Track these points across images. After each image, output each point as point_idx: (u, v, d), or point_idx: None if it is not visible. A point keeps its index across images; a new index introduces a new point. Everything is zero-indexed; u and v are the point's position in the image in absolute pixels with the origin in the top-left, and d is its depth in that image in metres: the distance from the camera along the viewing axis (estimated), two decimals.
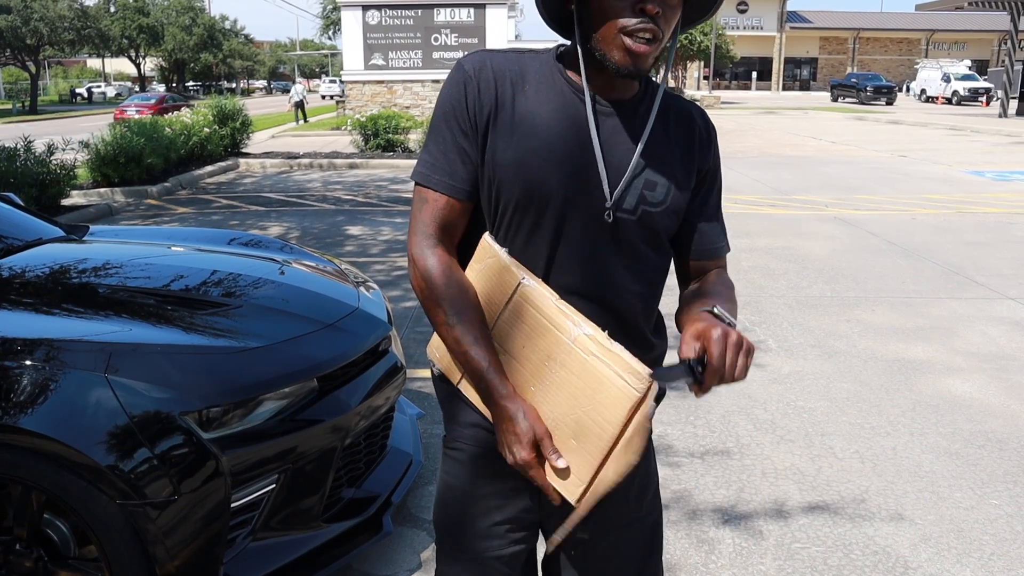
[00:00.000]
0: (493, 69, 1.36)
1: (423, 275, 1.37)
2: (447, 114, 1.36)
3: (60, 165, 10.00)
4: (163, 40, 56.83)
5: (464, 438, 1.45)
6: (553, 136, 1.33)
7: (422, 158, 1.40)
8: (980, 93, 39.77)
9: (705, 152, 1.45)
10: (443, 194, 1.37)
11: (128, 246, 3.73)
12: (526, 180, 1.32)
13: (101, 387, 2.25)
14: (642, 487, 1.51)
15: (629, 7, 1.25)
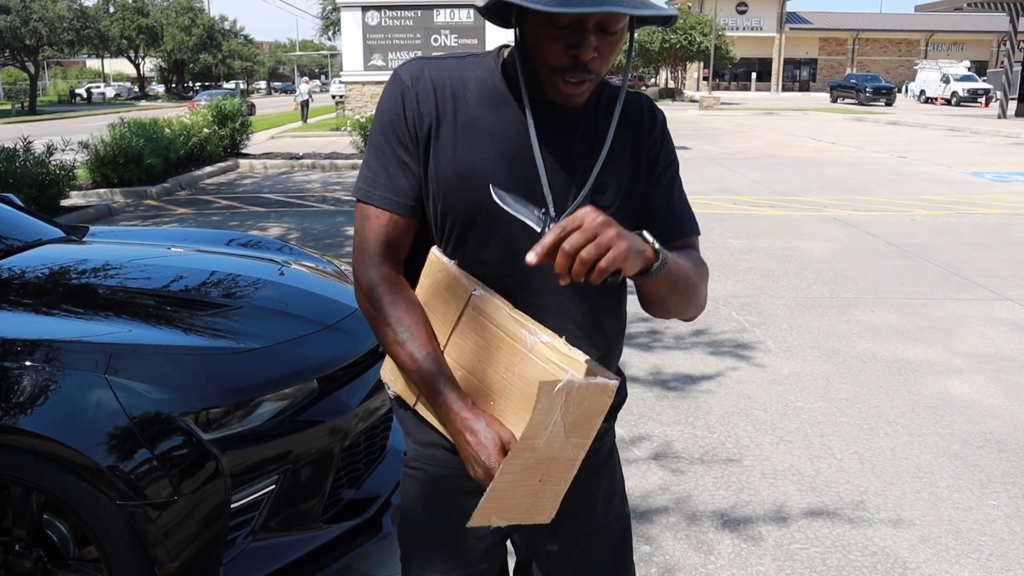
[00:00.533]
0: (432, 78, 1.30)
1: (368, 295, 1.33)
2: (385, 127, 1.31)
3: (59, 166, 10.01)
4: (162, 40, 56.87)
5: (423, 458, 1.40)
6: (498, 147, 1.28)
7: (362, 173, 1.34)
8: (979, 94, 39.79)
9: (656, 144, 1.39)
10: (386, 210, 1.31)
11: (128, 247, 3.74)
12: (471, 193, 1.27)
13: (101, 388, 2.25)
14: (609, 493, 1.48)
15: (562, 51, 1.19)
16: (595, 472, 1.43)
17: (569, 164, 1.30)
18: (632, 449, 3.77)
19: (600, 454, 1.44)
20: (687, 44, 48.78)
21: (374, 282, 1.32)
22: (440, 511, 1.40)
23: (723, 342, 5.25)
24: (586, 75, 1.21)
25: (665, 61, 54.00)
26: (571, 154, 1.30)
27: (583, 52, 1.18)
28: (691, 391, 4.47)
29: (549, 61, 1.20)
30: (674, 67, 55.05)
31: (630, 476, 3.51)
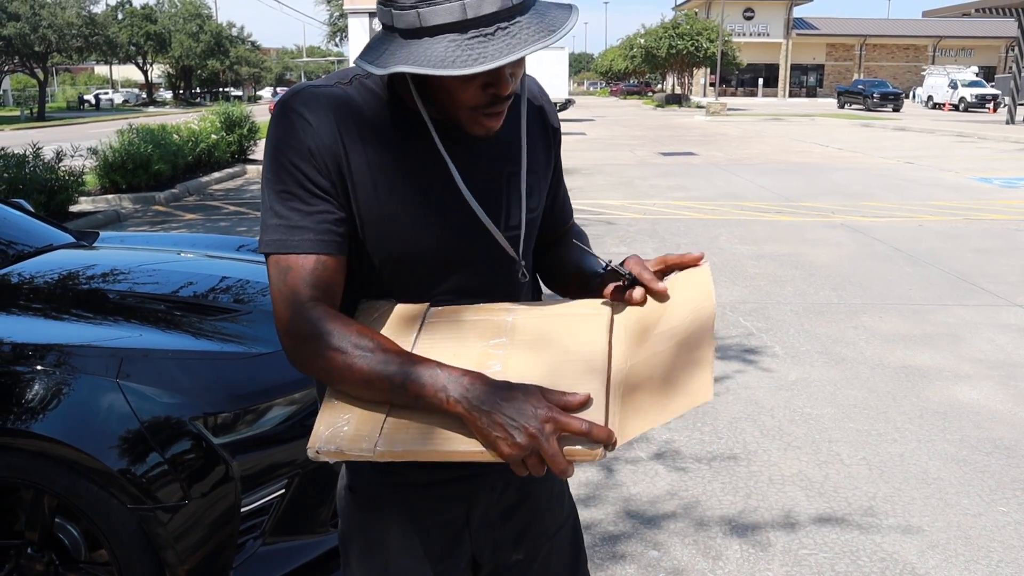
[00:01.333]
0: (327, 107, 1.16)
1: (307, 333, 1.11)
2: (288, 164, 1.14)
3: (68, 172, 10.06)
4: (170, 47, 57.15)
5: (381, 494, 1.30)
6: (417, 180, 1.19)
7: (266, 225, 1.15)
8: (987, 100, 39.69)
9: (557, 129, 1.39)
10: (310, 254, 1.14)
11: (138, 252, 3.76)
12: (402, 234, 1.19)
13: (113, 392, 2.27)
14: (560, 491, 1.46)
15: (479, 91, 1.11)
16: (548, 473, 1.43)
17: (492, 178, 1.25)
18: (639, 454, 3.77)
19: None
20: (693, 50, 48.88)
21: (312, 317, 1.12)
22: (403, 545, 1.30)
23: (730, 347, 5.25)
24: (505, 104, 1.15)
25: (671, 67, 54.08)
26: (490, 168, 1.26)
27: (502, 88, 1.11)
28: None
29: (465, 103, 1.12)
30: (680, 73, 55.12)
31: (637, 481, 3.51)
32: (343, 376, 1.11)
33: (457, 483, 1.30)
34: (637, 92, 73.79)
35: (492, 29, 1.03)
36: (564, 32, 1.05)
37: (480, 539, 1.33)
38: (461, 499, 1.31)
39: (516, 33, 1.03)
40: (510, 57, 1.02)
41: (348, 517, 1.34)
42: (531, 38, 1.03)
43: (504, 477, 1.34)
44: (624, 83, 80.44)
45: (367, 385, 1.09)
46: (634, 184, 13.27)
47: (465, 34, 1.03)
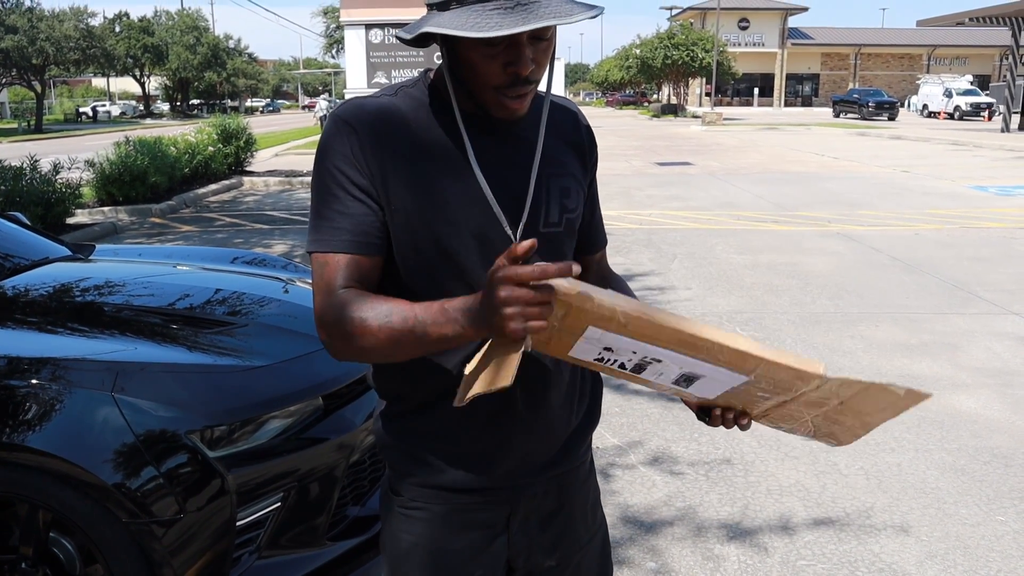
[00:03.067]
0: (374, 117, 1.25)
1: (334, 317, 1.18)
2: (335, 170, 1.23)
3: (65, 184, 10.06)
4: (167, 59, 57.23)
5: (425, 497, 1.35)
6: (448, 179, 1.25)
7: (313, 226, 1.25)
8: (982, 108, 39.86)
9: (593, 148, 1.44)
10: (347, 253, 1.22)
11: (133, 265, 3.76)
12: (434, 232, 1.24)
13: (108, 406, 2.26)
14: (594, 502, 1.51)
15: (500, 69, 1.18)
16: (584, 482, 1.48)
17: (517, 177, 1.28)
18: (637, 463, 3.76)
19: (585, 464, 1.49)
20: (689, 60, 49.02)
21: (336, 301, 1.19)
22: (451, 546, 1.35)
23: None
24: (527, 87, 1.21)
25: (667, 77, 54.24)
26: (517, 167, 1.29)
27: (522, 67, 1.17)
28: None
29: (488, 81, 1.19)
30: (676, 83, 55.28)
31: (635, 490, 3.51)
32: (373, 346, 1.16)
33: (499, 490, 1.35)
34: (633, 102, 73.98)
35: (512, 4, 1.10)
36: (583, 16, 1.10)
37: (517, 544, 1.38)
38: (502, 505, 1.36)
39: (534, 10, 1.10)
40: (522, 28, 1.07)
41: (389, 518, 1.39)
42: (546, 15, 1.09)
43: (544, 485, 1.39)
44: (620, 93, 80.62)
45: (396, 345, 1.15)
46: (630, 194, 13.29)
47: (489, 4, 1.11)
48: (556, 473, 1.39)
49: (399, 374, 1.33)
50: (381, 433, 1.39)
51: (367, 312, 1.16)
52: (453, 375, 1.29)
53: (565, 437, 1.39)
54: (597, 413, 1.48)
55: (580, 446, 1.43)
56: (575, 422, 1.41)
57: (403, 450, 1.35)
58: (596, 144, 1.46)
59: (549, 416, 1.35)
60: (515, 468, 1.34)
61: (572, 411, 1.40)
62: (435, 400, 1.32)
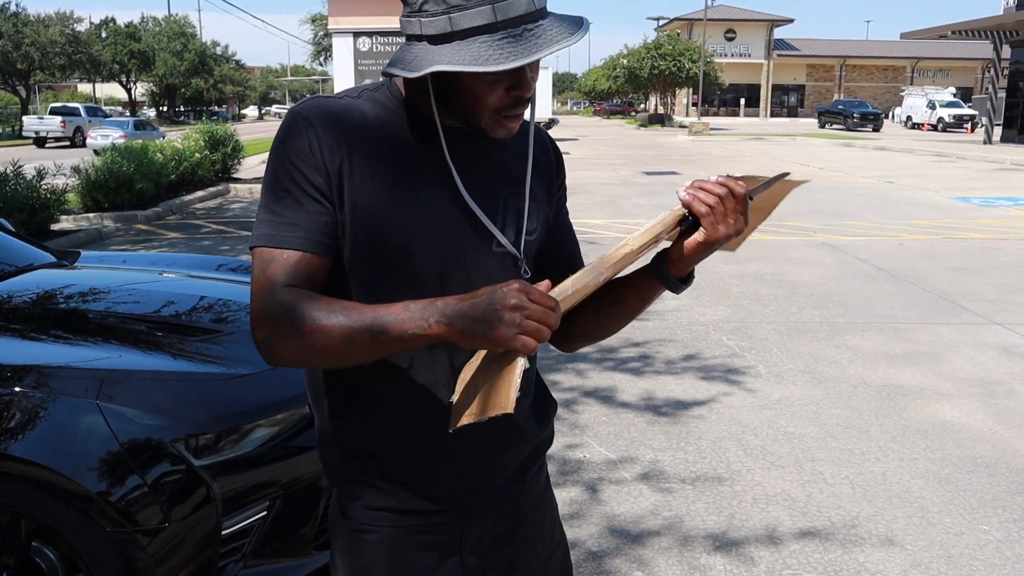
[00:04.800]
0: (333, 115, 1.21)
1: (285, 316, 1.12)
2: (290, 166, 1.18)
3: (50, 190, 9.99)
4: (154, 65, 57.03)
5: (374, 520, 1.31)
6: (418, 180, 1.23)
7: (260, 220, 1.19)
8: (965, 120, 40.25)
9: (560, 171, 1.43)
10: (296, 250, 1.16)
11: (119, 272, 3.73)
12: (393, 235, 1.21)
13: (92, 414, 2.25)
14: (552, 520, 1.49)
15: (503, 93, 1.17)
16: (539, 501, 1.45)
17: (494, 196, 1.28)
18: (623, 474, 3.77)
19: (540, 483, 1.46)
20: (676, 71, 49.29)
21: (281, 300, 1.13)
22: (398, 570, 1.32)
23: (714, 367, 5.26)
24: (525, 107, 1.22)
25: (654, 87, 54.51)
26: (494, 185, 1.28)
27: (525, 90, 1.18)
28: (682, 416, 4.47)
29: (489, 105, 1.18)
30: (663, 93, 55.54)
31: (622, 500, 3.51)
32: (323, 344, 1.11)
33: (448, 512, 1.32)
34: (620, 112, 74.26)
35: (519, 31, 1.10)
36: (582, 35, 1.12)
37: (471, 565, 1.35)
38: (454, 526, 1.33)
39: (541, 34, 1.10)
40: (540, 54, 1.08)
41: (341, 541, 1.35)
42: (555, 38, 1.10)
43: (497, 505, 1.36)
44: (607, 103, 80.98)
45: (348, 344, 1.10)
46: (618, 203, 13.33)
47: (496, 35, 1.09)
48: (509, 494, 1.36)
49: (341, 395, 1.30)
50: (324, 457, 1.36)
51: (318, 309, 1.12)
52: (395, 398, 1.26)
53: (518, 460, 1.37)
54: (552, 434, 1.46)
55: (533, 466, 1.41)
56: (527, 447, 1.38)
57: (348, 473, 1.32)
58: (564, 169, 1.45)
59: (500, 440, 1.32)
60: (465, 490, 1.32)
61: (528, 433, 1.37)
62: (378, 423, 1.29)
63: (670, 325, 6.19)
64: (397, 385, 1.27)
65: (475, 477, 1.32)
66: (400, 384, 1.26)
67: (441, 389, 1.25)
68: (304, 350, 1.13)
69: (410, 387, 1.26)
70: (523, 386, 1.07)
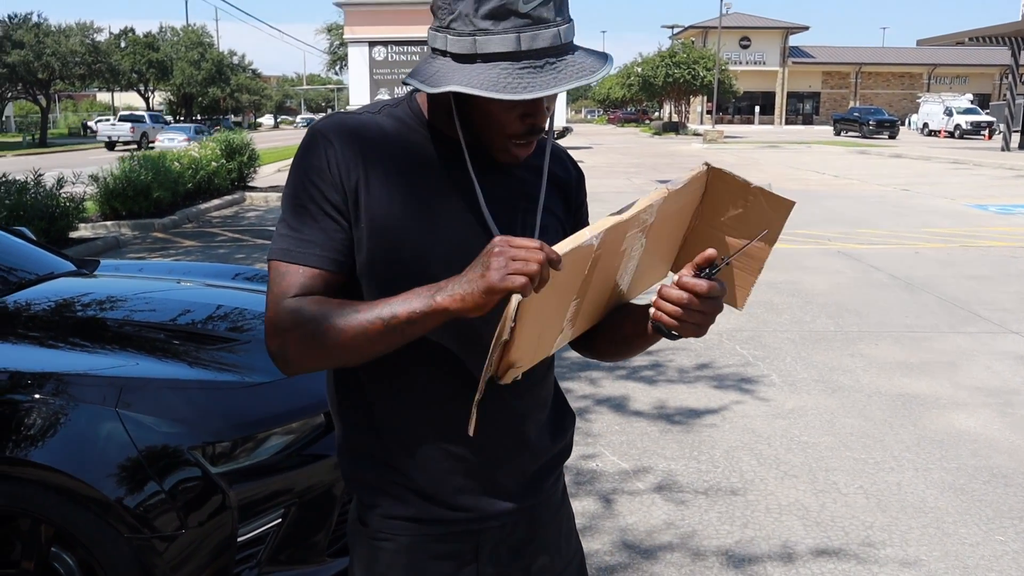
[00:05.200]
0: (353, 132, 1.23)
1: (296, 323, 1.16)
2: (307, 182, 1.21)
3: (69, 198, 10.10)
4: (172, 74, 57.49)
5: (391, 528, 1.33)
6: (437, 197, 1.25)
7: (279, 234, 1.22)
8: (982, 127, 39.99)
9: (580, 188, 1.44)
10: (311, 267, 1.19)
11: (137, 280, 3.78)
12: (417, 245, 1.23)
13: (111, 421, 2.28)
14: (568, 531, 1.50)
15: (517, 120, 1.19)
16: (556, 511, 1.46)
17: (512, 209, 1.30)
18: (636, 483, 3.77)
19: (557, 494, 1.47)
20: (690, 78, 49.25)
21: (293, 306, 1.17)
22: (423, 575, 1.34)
23: (727, 376, 5.26)
24: (539, 135, 1.23)
25: (669, 95, 54.48)
26: (511, 202, 1.30)
27: (540, 119, 1.20)
28: (695, 425, 4.47)
29: (503, 130, 1.20)
30: (678, 101, 55.50)
31: (635, 511, 3.51)
32: (337, 342, 1.14)
33: (465, 522, 1.33)
34: (634, 120, 74.26)
35: (542, 63, 1.12)
36: (602, 74, 1.14)
37: (488, 575, 1.36)
38: (470, 536, 1.34)
39: (562, 69, 1.12)
40: (556, 89, 1.10)
41: (359, 549, 1.38)
42: (574, 75, 1.12)
43: (513, 515, 1.37)
44: (621, 111, 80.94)
45: (362, 336, 1.13)
46: None
47: (518, 63, 1.11)
48: (525, 505, 1.37)
49: (359, 405, 1.32)
50: (343, 465, 1.38)
51: (327, 309, 1.15)
52: (412, 409, 1.29)
53: (534, 470, 1.38)
54: (569, 446, 1.47)
55: (549, 478, 1.42)
56: (545, 457, 1.40)
57: (366, 481, 1.34)
58: (584, 186, 1.46)
59: (517, 451, 1.34)
60: (481, 500, 1.33)
61: (541, 446, 1.38)
62: (395, 433, 1.30)
63: None
64: (414, 396, 1.29)
65: (491, 487, 1.33)
66: (417, 395, 1.29)
67: (458, 399, 1.26)
68: (318, 352, 1.16)
69: (427, 398, 1.29)
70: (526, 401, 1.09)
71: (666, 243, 1.36)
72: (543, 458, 1.40)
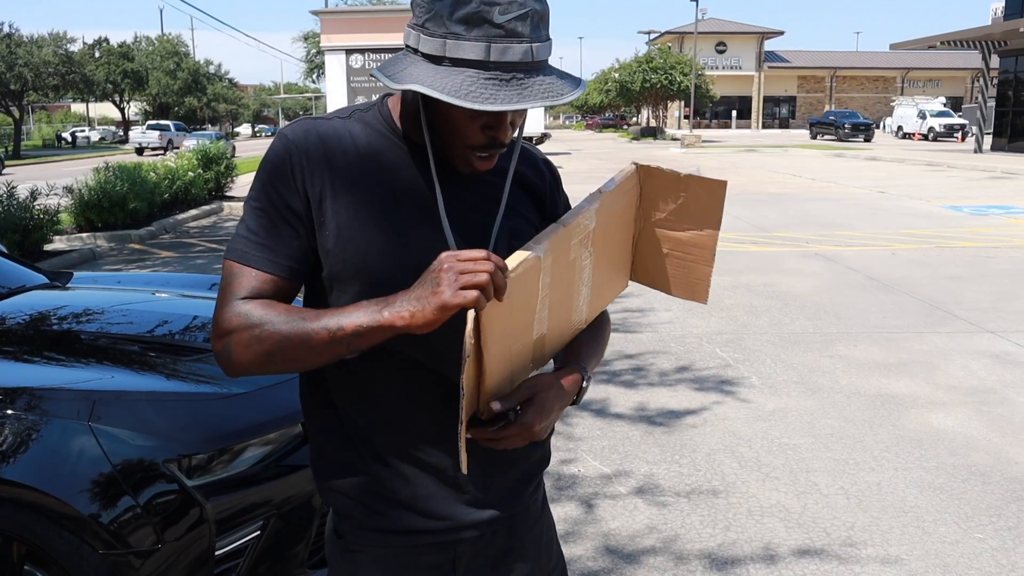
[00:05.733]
0: (321, 137, 1.22)
1: (243, 325, 1.16)
2: (270, 186, 1.21)
3: (43, 210, 9.98)
4: (147, 84, 57.08)
5: (367, 540, 1.31)
6: (401, 205, 1.23)
7: (238, 235, 1.22)
8: (955, 129, 40.50)
9: (556, 192, 1.43)
10: (264, 271, 1.20)
11: (111, 292, 3.74)
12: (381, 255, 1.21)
13: (84, 435, 2.25)
14: (549, 539, 1.48)
15: (479, 131, 1.17)
16: (536, 521, 1.44)
17: (479, 219, 1.28)
18: (617, 487, 3.76)
19: (536, 503, 1.45)
20: (668, 83, 49.51)
21: (244, 309, 1.17)
22: None
23: (707, 379, 5.27)
24: (500, 150, 1.22)
25: (646, 100, 54.74)
26: (479, 208, 1.29)
27: (501, 134, 1.18)
28: (676, 428, 4.47)
29: (464, 140, 1.18)
30: (655, 106, 55.77)
31: (617, 516, 3.50)
32: (280, 347, 1.15)
33: (443, 533, 1.31)
34: (612, 125, 74.51)
35: (509, 77, 1.10)
36: (570, 98, 1.13)
37: None
38: (447, 547, 1.32)
39: (529, 87, 1.11)
40: (518, 105, 1.09)
41: (335, 561, 1.36)
42: (540, 95, 1.10)
43: (491, 526, 1.35)
44: (599, 116, 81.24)
45: (307, 344, 1.14)
46: None
47: (485, 72, 1.10)
48: (503, 515, 1.35)
49: (334, 416, 1.31)
50: (316, 476, 1.37)
51: (274, 314, 1.16)
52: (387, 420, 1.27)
53: (512, 479, 1.36)
54: (548, 455, 1.46)
55: (528, 487, 1.40)
56: (523, 466, 1.38)
57: (340, 492, 1.32)
58: (561, 188, 1.44)
59: (494, 460, 1.32)
60: (457, 510, 1.31)
61: (519, 455, 1.35)
62: (370, 444, 1.29)
63: (663, 337, 6.20)
64: (384, 405, 1.28)
65: (467, 497, 1.32)
66: (388, 404, 1.27)
67: (428, 409, 1.26)
68: (262, 356, 1.17)
69: (397, 408, 1.27)
70: None
71: (617, 251, 1.36)
72: (521, 467, 1.38)
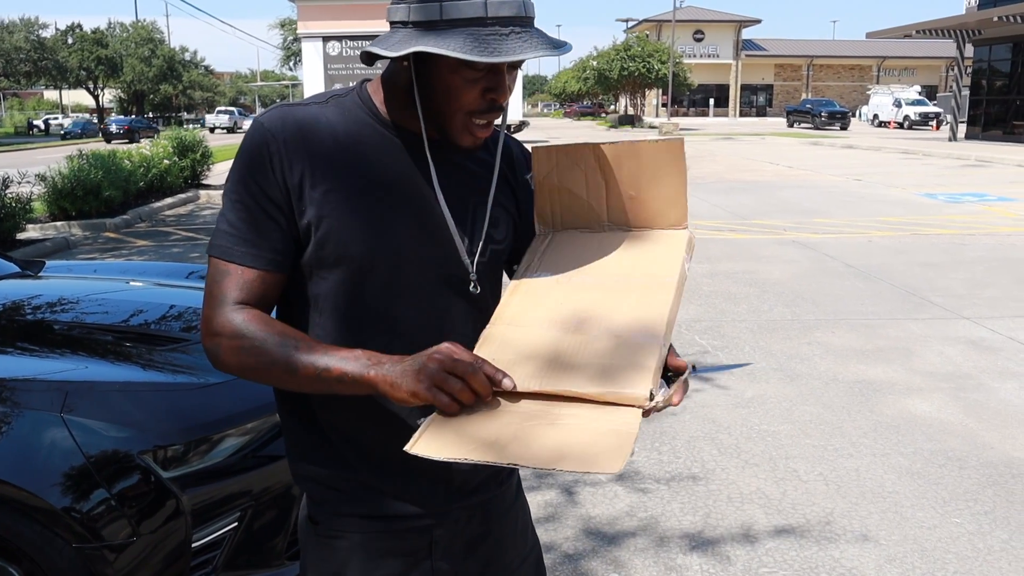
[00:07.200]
0: (298, 123, 1.21)
1: (236, 334, 1.16)
2: (248, 178, 1.19)
3: (15, 198, 9.82)
4: (122, 72, 56.35)
5: (342, 525, 1.30)
6: (390, 189, 1.23)
7: (219, 230, 1.21)
8: (930, 118, 40.86)
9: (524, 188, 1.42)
10: (251, 267, 1.19)
11: (85, 281, 3.67)
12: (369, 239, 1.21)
13: (57, 427, 2.20)
14: (524, 525, 1.49)
15: (479, 95, 1.18)
16: (511, 506, 1.44)
17: (464, 203, 1.29)
18: (599, 475, 3.77)
19: (511, 489, 1.45)
20: (645, 72, 49.55)
21: (238, 320, 1.17)
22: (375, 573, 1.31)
23: None
24: (498, 114, 1.22)
25: (624, 88, 54.76)
26: (462, 196, 1.29)
27: (501, 94, 1.19)
28: (656, 415, 4.47)
29: (463, 105, 1.18)
30: (633, 94, 55.81)
31: (597, 502, 3.50)
32: (266, 369, 1.16)
33: (417, 517, 1.31)
34: (591, 113, 74.53)
35: (507, 31, 1.12)
36: (564, 51, 1.16)
37: (442, 571, 1.34)
38: (423, 532, 1.32)
39: (527, 39, 1.13)
40: (525, 55, 1.11)
41: (309, 547, 1.35)
42: (540, 46, 1.12)
43: (467, 511, 1.35)
44: (578, 105, 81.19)
45: (291, 373, 1.15)
46: None
47: (484, 28, 1.11)
48: (479, 500, 1.36)
49: (307, 403, 1.30)
50: (291, 463, 1.36)
51: (269, 335, 1.16)
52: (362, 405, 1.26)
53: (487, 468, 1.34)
54: None
55: (502, 472, 1.39)
56: None
57: (314, 478, 1.32)
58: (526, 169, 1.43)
59: None
60: (433, 495, 1.31)
61: None
62: (345, 430, 1.28)
63: None
64: (362, 396, 1.25)
65: (442, 482, 1.31)
66: (365, 395, 1.25)
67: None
68: (248, 368, 1.18)
69: (374, 397, 1.25)
70: None
71: None
72: None
